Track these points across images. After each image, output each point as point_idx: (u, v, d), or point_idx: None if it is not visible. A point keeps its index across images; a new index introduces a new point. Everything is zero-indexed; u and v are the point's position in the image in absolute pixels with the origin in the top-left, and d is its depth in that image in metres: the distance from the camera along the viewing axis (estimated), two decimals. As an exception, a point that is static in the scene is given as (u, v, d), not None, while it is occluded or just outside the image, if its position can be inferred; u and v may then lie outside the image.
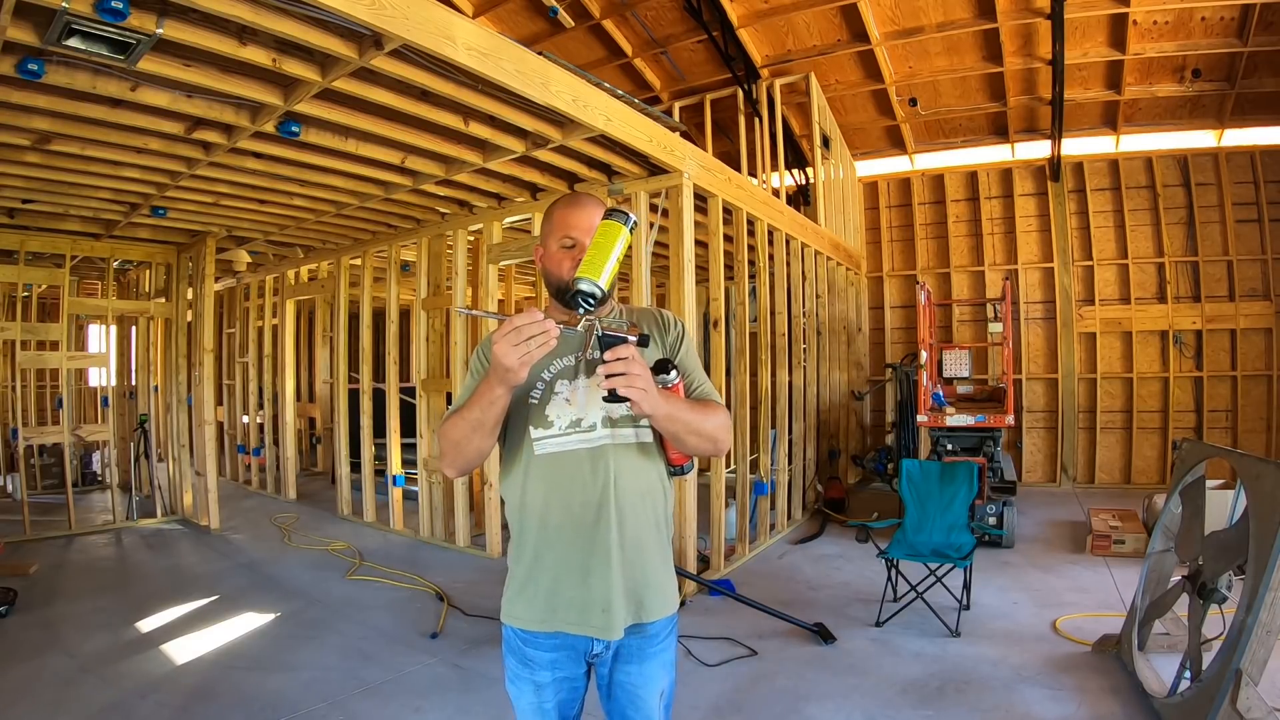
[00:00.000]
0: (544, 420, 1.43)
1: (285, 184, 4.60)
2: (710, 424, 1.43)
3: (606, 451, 1.42)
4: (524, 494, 1.47)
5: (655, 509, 1.49)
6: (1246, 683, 2.30)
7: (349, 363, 6.99)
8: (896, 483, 4.76)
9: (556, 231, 1.48)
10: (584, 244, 1.43)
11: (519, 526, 1.50)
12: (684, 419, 1.37)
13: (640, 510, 1.45)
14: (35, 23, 2.44)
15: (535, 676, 1.47)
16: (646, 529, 1.47)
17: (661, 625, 1.50)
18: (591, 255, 1.30)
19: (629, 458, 1.44)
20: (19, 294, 6.94)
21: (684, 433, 1.39)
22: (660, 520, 1.51)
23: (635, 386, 1.24)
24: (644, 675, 1.50)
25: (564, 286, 1.44)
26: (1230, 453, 3.00)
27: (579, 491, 1.42)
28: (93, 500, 7.10)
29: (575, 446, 1.42)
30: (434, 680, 3.20)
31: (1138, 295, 7.70)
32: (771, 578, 4.69)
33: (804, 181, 8.00)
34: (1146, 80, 7.12)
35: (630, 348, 1.26)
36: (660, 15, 6.96)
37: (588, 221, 1.45)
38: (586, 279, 1.29)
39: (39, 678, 3.20)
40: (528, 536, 1.47)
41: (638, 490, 1.45)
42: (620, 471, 1.43)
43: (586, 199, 1.53)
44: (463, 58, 2.83)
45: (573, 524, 1.42)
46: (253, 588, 4.55)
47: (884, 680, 3.17)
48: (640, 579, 1.45)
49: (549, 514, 1.43)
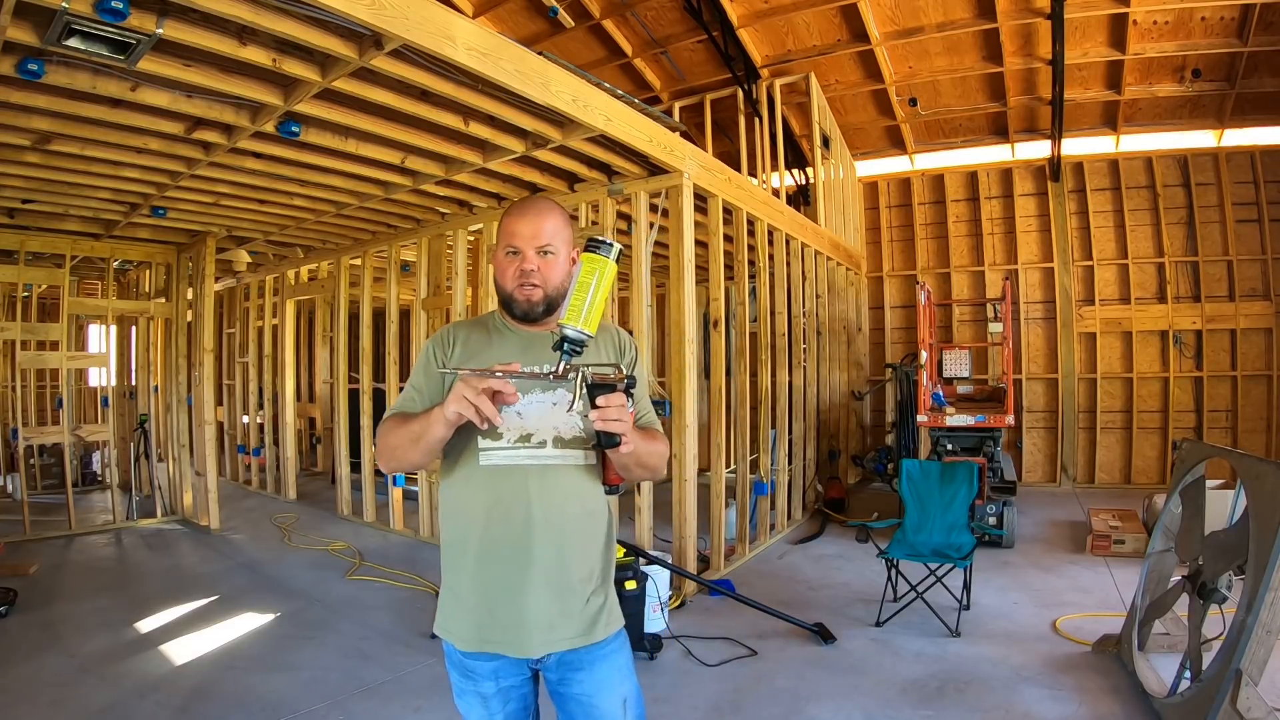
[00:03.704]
0: (493, 431, 1.38)
1: (285, 184, 4.59)
2: (656, 454, 1.45)
3: (555, 471, 1.40)
4: (464, 502, 1.43)
5: (596, 531, 1.46)
6: (1246, 683, 2.30)
7: (349, 363, 6.99)
8: (896, 483, 4.76)
9: (502, 239, 1.45)
10: (527, 253, 1.41)
11: (456, 534, 1.46)
12: (638, 451, 1.36)
13: (579, 531, 1.43)
14: (35, 23, 2.44)
15: (479, 688, 1.43)
16: (584, 551, 1.44)
17: (608, 642, 1.46)
18: (576, 298, 1.27)
19: (576, 478, 1.42)
20: (19, 294, 6.95)
21: (633, 463, 1.39)
22: (601, 542, 1.48)
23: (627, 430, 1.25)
24: (597, 682, 1.44)
25: (507, 296, 1.45)
26: (1230, 453, 3.01)
27: (521, 508, 1.38)
28: (93, 500, 7.10)
29: (524, 462, 1.39)
30: (434, 680, 3.20)
31: (1138, 295, 7.70)
32: (771, 578, 4.69)
33: (804, 181, 8.00)
34: (1146, 80, 7.12)
35: (621, 396, 1.24)
36: (660, 15, 6.96)
37: (531, 228, 1.41)
38: (571, 326, 1.26)
39: (39, 678, 3.20)
40: (466, 547, 1.42)
41: (579, 510, 1.43)
42: (567, 492, 1.40)
43: (536, 202, 1.48)
44: (463, 58, 2.83)
45: (512, 540, 1.38)
46: (253, 588, 4.55)
47: (884, 680, 3.17)
48: (578, 600, 1.41)
49: (490, 527, 1.40)
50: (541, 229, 1.42)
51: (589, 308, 1.27)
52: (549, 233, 1.42)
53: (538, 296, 1.43)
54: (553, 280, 1.43)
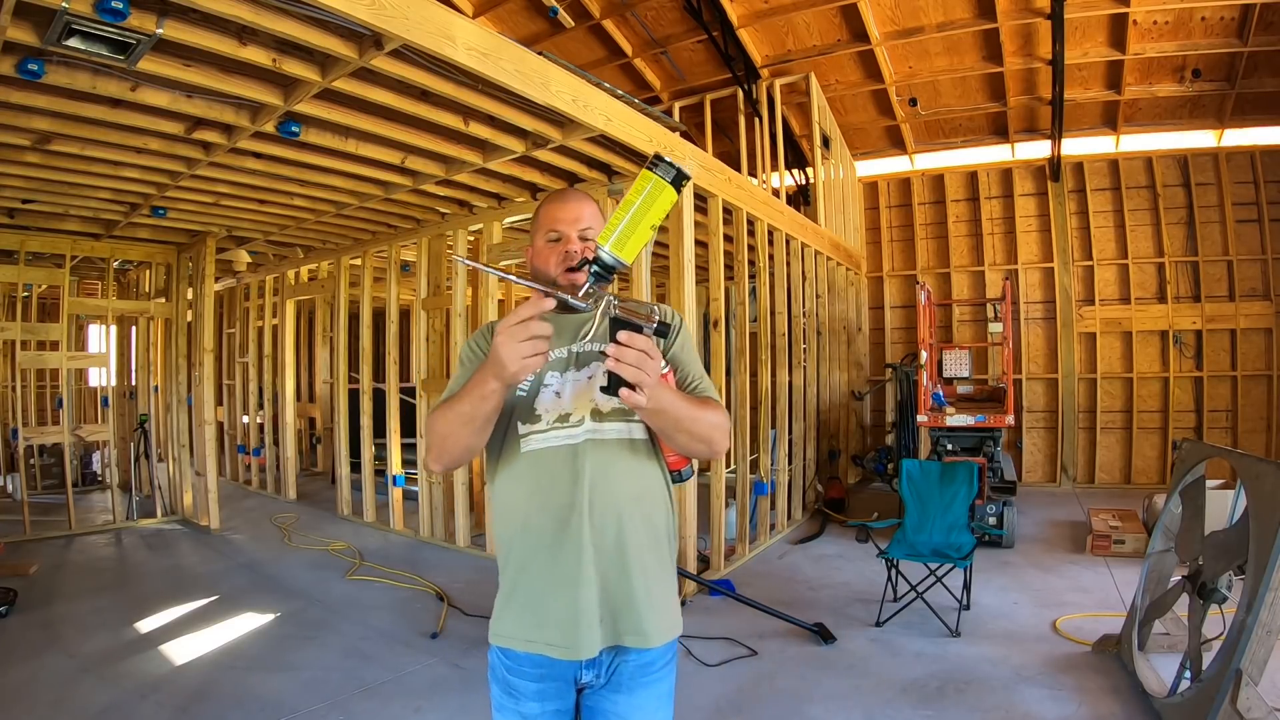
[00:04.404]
0: (531, 415, 1.31)
1: (285, 184, 4.60)
2: (705, 421, 1.27)
3: (589, 448, 1.29)
4: (509, 495, 1.35)
5: (651, 516, 1.34)
6: (1246, 683, 2.30)
7: (349, 363, 6.99)
8: (896, 483, 4.76)
9: (543, 226, 1.41)
10: (570, 236, 1.37)
11: (503, 532, 1.38)
12: (675, 412, 1.21)
13: (633, 514, 1.31)
14: (35, 23, 2.44)
15: (521, 708, 1.33)
16: (638, 536, 1.31)
17: (658, 654, 1.35)
18: (615, 217, 1.13)
19: (617, 455, 1.31)
20: (19, 294, 6.95)
21: (673, 429, 1.24)
22: (660, 530, 1.36)
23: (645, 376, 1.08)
24: (632, 706, 1.33)
25: (550, 282, 1.36)
26: (1230, 453, 3.00)
27: (559, 492, 1.28)
28: (93, 500, 7.10)
29: (559, 443, 1.30)
30: (434, 680, 3.20)
31: (1138, 295, 7.70)
32: (771, 578, 4.69)
33: (804, 181, 8.00)
34: (1146, 80, 7.12)
35: (646, 339, 1.09)
36: (660, 15, 6.95)
37: (572, 214, 1.39)
38: (607, 249, 1.12)
39: (39, 678, 3.20)
40: (512, 544, 1.34)
41: (628, 493, 1.31)
42: (605, 470, 1.29)
43: (575, 194, 1.46)
44: (463, 58, 2.83)
45: (554, 528, 1.28)
46: (253, 588, 4.55)
47: (884, 680, 3.17)
48: (625, 595, 1.29)
49: (530, 517, 1.31)
50: (582, 214, 1.40)
51: (624, 230, 1.12)
52: (588, 217, 1.40)
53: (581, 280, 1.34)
54: None
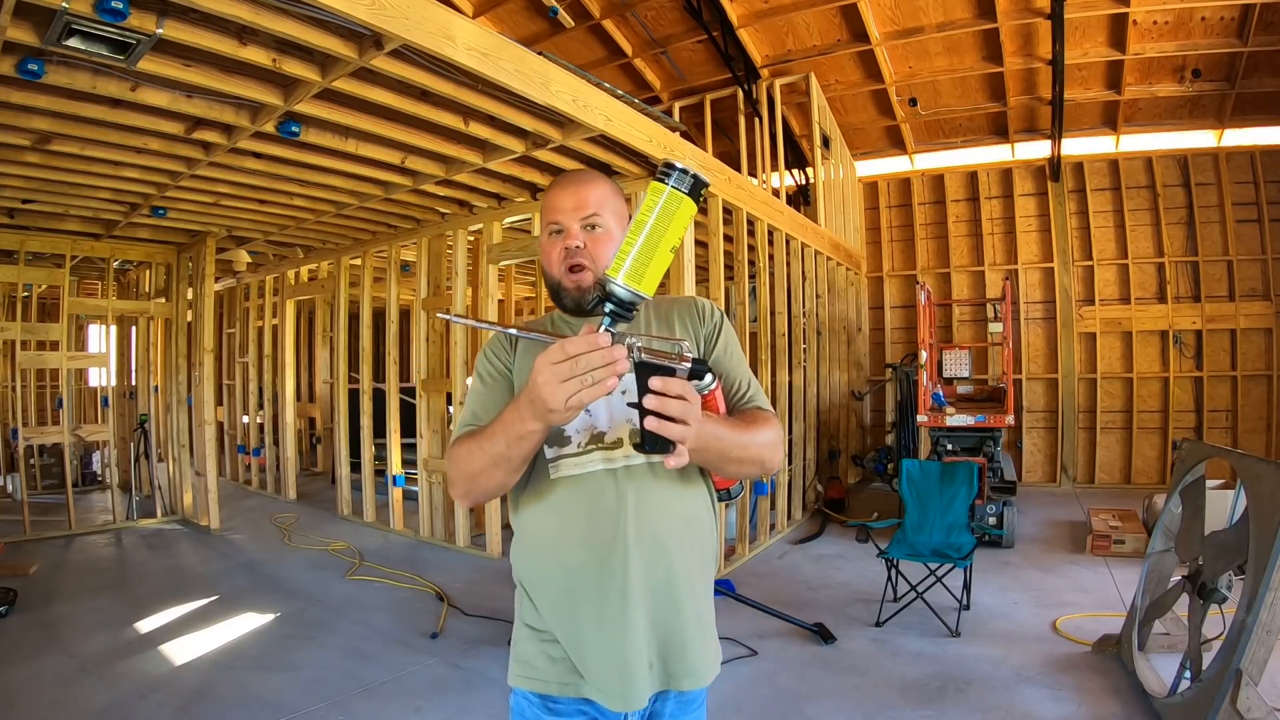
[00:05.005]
0: (560, 436, 1.16)
1: (285, 184, 4.60)
2: (757, 444, 1.12)
3: (642, 473, 1.15)
4: (539, 527, 1.19)
5: (700, 542, 1.21)
6: (1246, 683, 2.30)
7: (349, 363, 6.99)
8: (896, 483, 4.76)
9: (544, 218, 1.24)
10: (570, 229, 1.19)
11: (529, 566, 1.21)
12: (720, 447, 1.06)
13: (682, 543, 1.17)
14: (35, 23, 2.44)
15: None
16: (689, 568, 1.18)
17: (699, 692, 1.24)
18: (626, 242, 0.95)
19: (661, 477, 1.16)
20: (19, 294, 6.95)
21: (720, 461, 1.10)
22: (709, 555, 1.23)
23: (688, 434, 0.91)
24: None
25: (554, 284, 1.22)
26: (1230, 453, 3.01)
27: (600, 525, 1.13)
28: (93, 500, 7.10)
29: (597, 467, 1.15)
30: (434, 680, 3.20)
31: (1138, 295, 7.70)
32: (771, 578, 4.69)
33: (804, 181, 8.00)
34: (1146, 80, 7.12)
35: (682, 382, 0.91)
36: (660, 15, 6.95)
37: (573, 199, 1.20)
38: (620, 282, 0.93)
39: (39, 678, 3.20)
40: (547, 581, 1.18)
41: (679, 518, 1.18)
42: (663, 496, 1.16)
43: (578, 175, 1.26)
44: (463, 58, 2.83)
45: (596, 565, 1.13)
46: (253, 588, 4.55)
47: (884, 680, 3.17)
48: (678, 633, 1.16)
49: (565, 553, 1.16)
50: (586, 198, 1.19)
51: (639, 256, 0.92)
52: (595, 202, 1.20)
53: (587, 281, 1.18)
54: (604, 259, 1.17)
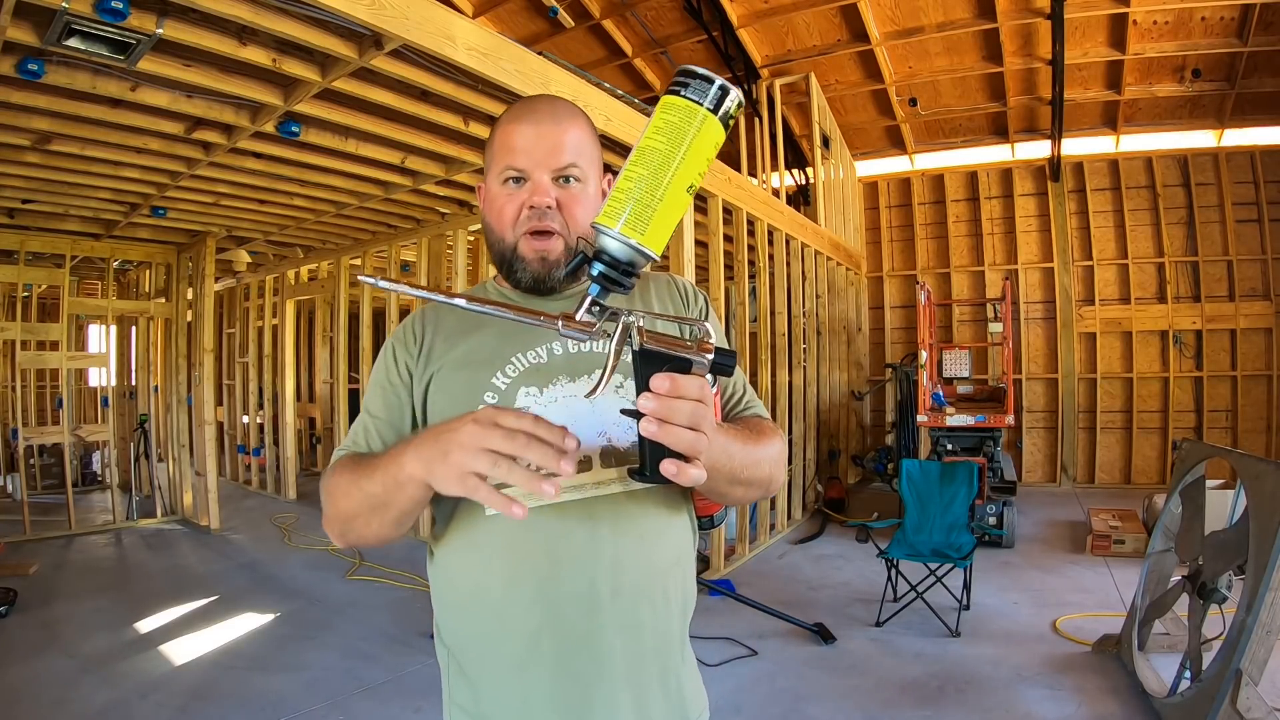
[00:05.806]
0: None
1: (285, 184, 4.59)
2: (769, 460, 0.87)
3: (608, 504, 0.86)
4: (475, 578, 0.89)
5: (687, 589, 0.97)
6: (1246, 683, 2.30)
7: (349, 363, 6.98)
8: (896, 483, 4.76)
9: (497, 158, 0.89)
10: (538, 180, 0.87)
11: (466, 634, 0.92)
12: (730, 466, 0.80)
13: (669, 596, 0.92)
14: (35, 23, 2.44)
15: None
16: (675, 617, 0.94)
17: None
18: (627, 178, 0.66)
19: (644, 507, 0.88)
20: (19, 294, 6.95)
21: (728, 483, 0.82)
22: (690, 604, 0.99)
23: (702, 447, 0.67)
24: None
25: (505, 251, 0.90)
26: (1230, 453, 3.01)
27: (566, 575, 0.85)
28: (93, 500, 7.10)
29: (566, 497, 0.85)
30: (434, 680, 3.17)
31: (1138, 295, 7.70)
32: (771, 578, 4.69)
33: (804, 181, 8.00)
34: (1146, 80, 7.12)
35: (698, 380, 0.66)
36: (660, 15, 6.95)
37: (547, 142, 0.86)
38: (611, 228, 0.65)
39: (39, 678, 3.20)
40: (486, 657, 0.89)
41: (665, 561, 0.91)
42: (645, 533, 0.89)
43: (555, 105, 0.91)
44: (463, 58, 2.83)
45: (561, 630, 0.85)
46: (253, 588, 4.55)
47: (884, 680, 3.17)
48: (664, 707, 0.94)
49: (515, 614, 0.86)
50: (561, 141, 0.87)
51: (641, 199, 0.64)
52: (573, 147, 0.88)
53: (556, 251, 0.89)
54: (580, 224, 0.89)
